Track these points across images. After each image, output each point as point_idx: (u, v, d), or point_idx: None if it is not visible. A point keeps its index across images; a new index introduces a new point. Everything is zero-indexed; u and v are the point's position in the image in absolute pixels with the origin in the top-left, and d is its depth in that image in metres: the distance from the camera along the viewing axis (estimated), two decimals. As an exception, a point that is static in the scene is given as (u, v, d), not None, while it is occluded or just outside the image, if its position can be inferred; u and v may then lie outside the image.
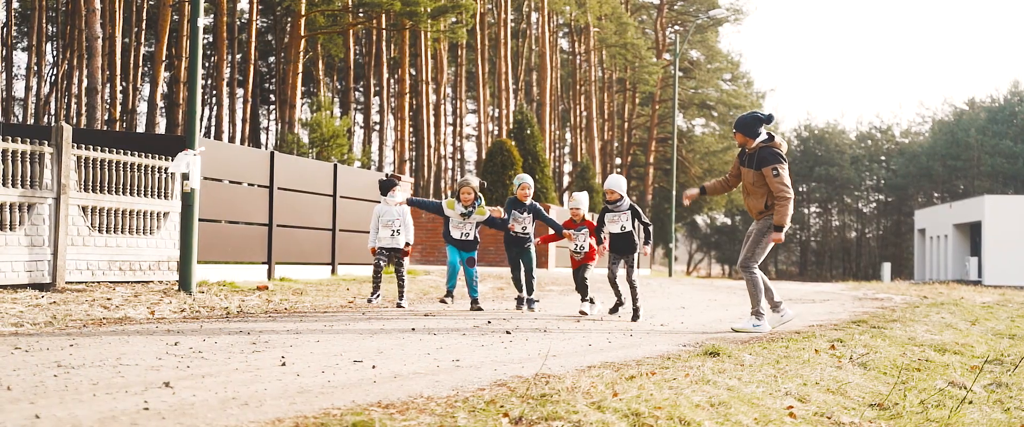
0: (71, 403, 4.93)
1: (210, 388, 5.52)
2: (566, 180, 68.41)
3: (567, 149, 72.82)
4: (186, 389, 5.45)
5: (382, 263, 12.77)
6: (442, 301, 12.48)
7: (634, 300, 11.57)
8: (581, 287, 12.20)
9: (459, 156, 68.77)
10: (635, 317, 11.49)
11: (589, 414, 4.99)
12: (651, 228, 11.71)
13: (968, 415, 6.26)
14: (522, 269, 12.44)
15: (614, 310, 12.04)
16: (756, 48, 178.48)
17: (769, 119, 10.32)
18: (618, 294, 11.89)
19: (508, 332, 9.47)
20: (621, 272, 11.65)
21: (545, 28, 60.54)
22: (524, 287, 12.53)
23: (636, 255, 11.50)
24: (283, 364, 6.63)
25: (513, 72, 61.14)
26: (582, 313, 12.09)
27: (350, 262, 20.73)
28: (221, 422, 4.58)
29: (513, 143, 37.65)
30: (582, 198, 12.26)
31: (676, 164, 48.92)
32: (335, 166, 20.38)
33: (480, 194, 12.27)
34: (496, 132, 58.61)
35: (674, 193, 44.54)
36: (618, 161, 74.33)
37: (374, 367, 6.62)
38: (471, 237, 12.26)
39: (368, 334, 9.08)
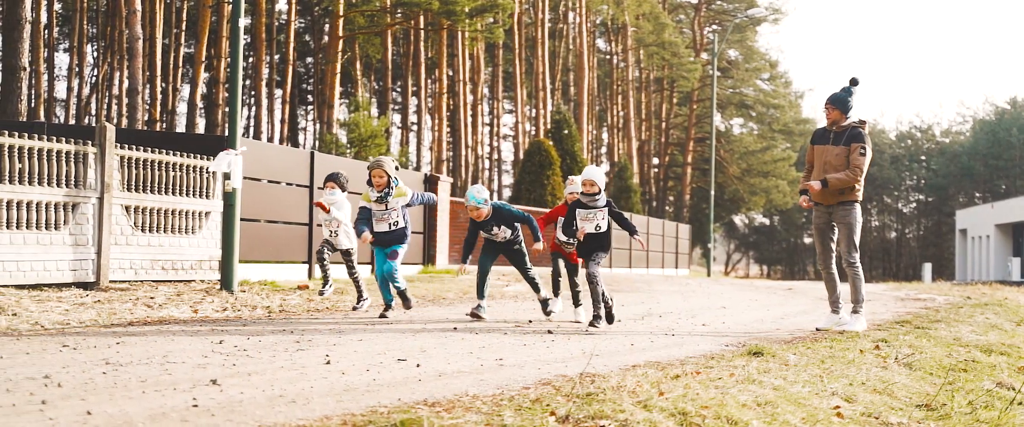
0: (121, 400, 4.97)
1: (257, 386, 5.55)
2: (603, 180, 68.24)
3: (604, 149, 72.67)
4: (233, 387, 5.48)
5: (326, 255, 11.34)
6: (383, 316, 10.64)
7: (600, 301, 9.91)
8: (570, 286, 11.04)
9: (496, 156, 68.81)
10: (600, 320, 9.86)
11: (636, 413, 4.97)
12: (628, 216, 10.50)
13: (1018, 416, 6.18)
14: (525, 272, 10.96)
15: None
16: (794, 47, 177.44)
17: (856, 82, 10.36)
18: (605, 300, 10.01)
19: (550, 332, 9.46)
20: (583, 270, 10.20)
21: (582, 28, 60.45)
22: (541, 288, 11.10)
23: (604, 255, 10.01)
24: (328, 362, 6.65)
25: (550, 72, 61.05)
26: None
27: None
28: (270, 419, 4.60)
29: (551, 143, 37.61)
30: (597, 173, 10.37)
31: (714, 164, 48.70)
32: (374, 166, 20.40)
33: (395, 175, 10.49)
34: (533, 132, 58.59)
35: (712, 193, 44.33)
36: (655, 161, 74.11)
37: (418, 365, 6.63)
38: (401, 225, 10.52)
39: (410, 333, 9.09)
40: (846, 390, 6.30)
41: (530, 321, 10.65)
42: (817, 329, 10.52)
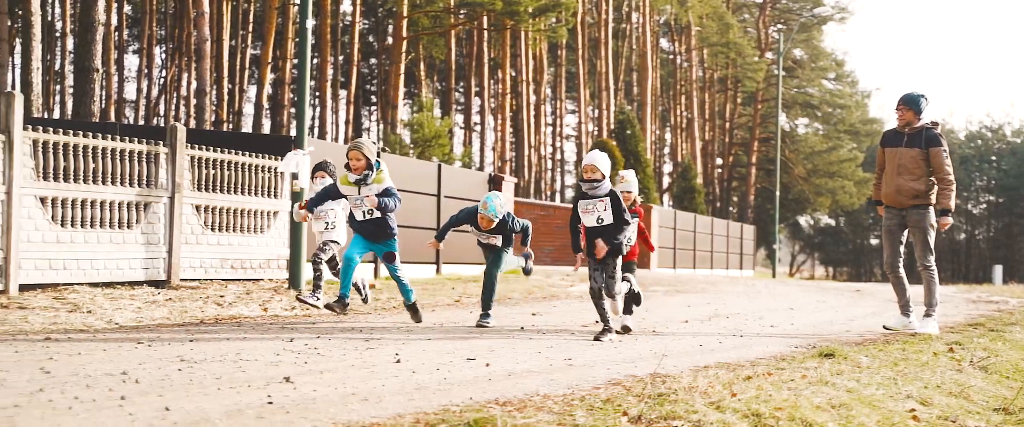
0: (197, 396, 5.03)
1: (329, 384, 5.59)
2: (667, 181, 67.93)
3: (667, 149, 72.32)
4: (306, 384, 5.53)
5: (321, 258, 10.78)
6: (330, 307, 9.43)
7: (625, 309, 9.30)
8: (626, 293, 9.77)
9: (559, 156, 68.75)
10: (608, 335, 8.83)
11: (708, 414, 4.93)
12: (627, 216, 8.76)
13: (1100, 421, 6.05)
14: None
15: (621, 329, 9.44)
16: (861, 46, 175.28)
17: (926, 98, 10.24)
18: (602, 315, 8.88)
19: (630, 329, 9.42)
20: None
21: (646, 28, 60.22)
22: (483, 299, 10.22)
23: (619, 259, 8.84)
24: (398, 361, 6.69)
25: (613, 72, 60.88)
26: (625, 329, 9.50)
27: (454, 261, 20.84)
28: (343, 417, 4.63)
29: (614, 143, 37.52)
30: (632, 177, 9.89)
31: (779, 164, 48.24)
32: (439, 166, 20.51)
33: (377, 158, 9.54)
34: (595, 132, 58.48)
35: (777, 194, 43.94)
36: (719, 161, 73.62)
37: (488, 365, 6.64)
38: (378, 216, 9.45)
39: (478, 332, 9.12)
40: (921, 393, 6.20)
41: (597, 321, 10.63)
42: (885, 327, 10.39)
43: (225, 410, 4.67)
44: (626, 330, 9.43)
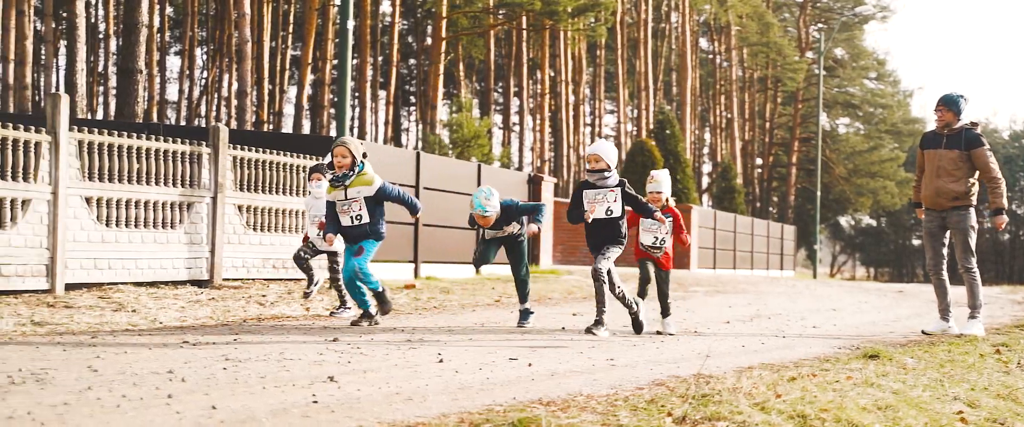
0: (243, 395, 5.06)
1: (373, 383, 5.61)
2: (705, 181, 67.66)
3: (706, 149, 72.02)
4: (350, 383, 5.55)
5: (305, 255, 10.60)
6: (356, 324, 9.24)
7: (604, 304, 8.88)
8: (660, 296, 9.64)
9: (598, 156, 68.52)
10: (601, 327, 8.80)
11: (753, 415, 4.91)
12: (643, 199, 8.79)
13: None
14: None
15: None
16: (903, 45, 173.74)
17: (966, 99, 10.13)
18: (628, 304, 8.96)
19: (659, 332, 9.40)
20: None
21: (685, 27, 60.02)
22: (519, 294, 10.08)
23: (617, 249, 8.73)
24: (440, 361, 6.70)
25: (652, 72, 60.69)
26: (660, 333, 9.36)
27: (494, 261, 20.83)
28: (388, 417, 4.65)
29: (654, 143, 37.42)
30: (663, 177, 9.55)
31: (820, 164, 47.94)
32: (479, 166, 20.55)
33: (362, 159, 9.07)
34: (634, 132, 58.34)
35: (818, 194, 43.64)
36: (759, 161, 73.21)
37: (530, 365, 6.64)
38: (365, 221, 9.03)
39: (519, 332, 9.13)
40: (968, 395, 6.14)
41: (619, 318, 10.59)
42: (924, 332, 10.28)
43: (271, 409, 4.70)
44: (657, 333, 9.29)
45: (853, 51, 74.33)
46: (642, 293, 9.52)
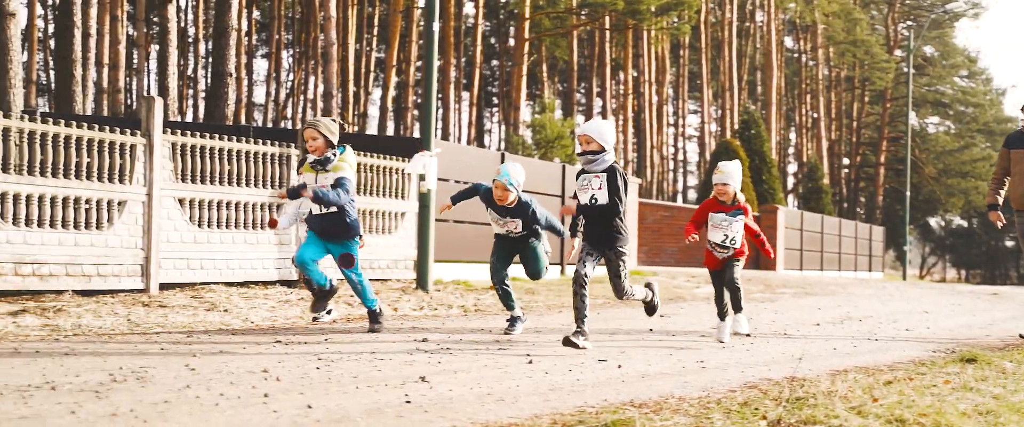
0: (337, 394, 5.12)
1: (464, 383, 5.64)
2: (792, 181, 66.87)
3: (792, 149, 71.15)
4: (442, 384, 5.58)
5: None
6: (372, 329, 8.53)
7: (584, 315, 7.44)
8: (722, 297, 8.89)
9: (681, 157, 68.21)
10: (581, 337, 7.34)
11: (850, 419, 4.83)
12: (627, 181, 7.53)
13: None
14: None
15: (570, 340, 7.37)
16: (996, 43, 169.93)
17: None
18: (578, 310, 7.39)
19: (748, 335, 9.29)
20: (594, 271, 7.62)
21: (770, 26, 59.37)
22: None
23: (622, 250, 7.57)
24: (530, 361, 6.71)
25: (737, 71, 60.12)
26: (741, 335, 8.91)
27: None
28: (481, 417, 4.66)
29: (738, 143, 37.07)
30: (731, 169, 8.73)
31: (909, 164, 47.11)
32: (563, 167, 20.53)
33: (335, 140, 8.21)
34: (718, 132, 57.83)
35: (907, 194, 42.88)
36: (846, 161, 72.16)
37: (620, 366, 6.62)
38: (335, 212, 8.16)
39: (606, 334, 9.10)
40: (1071, 401, 5.98)
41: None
42: (1021, 336, 10.04)
43: (365, 409, 4.74)
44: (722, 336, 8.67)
45: (943, 49, 72.91)
46: (722, 314, 8.82)
